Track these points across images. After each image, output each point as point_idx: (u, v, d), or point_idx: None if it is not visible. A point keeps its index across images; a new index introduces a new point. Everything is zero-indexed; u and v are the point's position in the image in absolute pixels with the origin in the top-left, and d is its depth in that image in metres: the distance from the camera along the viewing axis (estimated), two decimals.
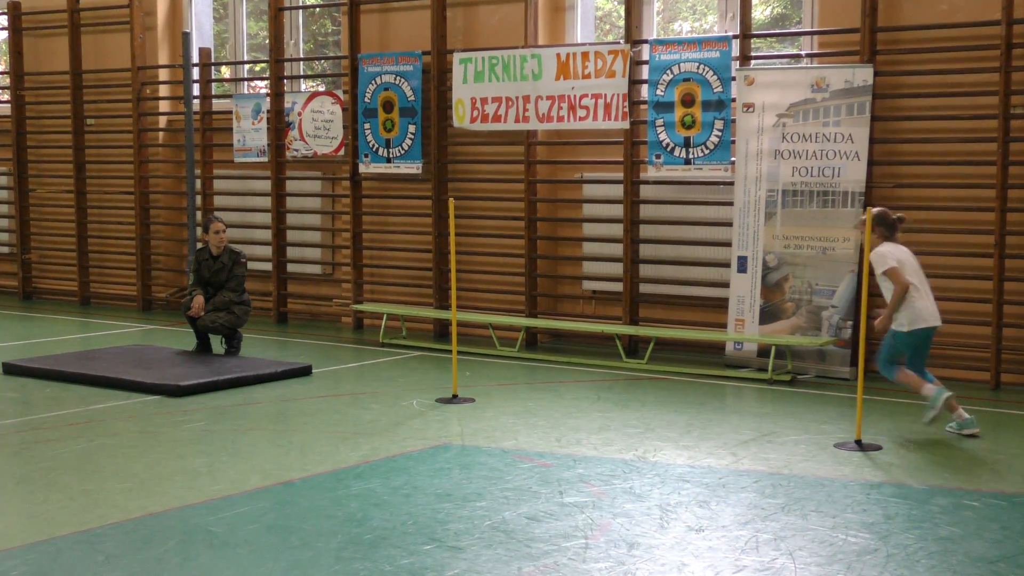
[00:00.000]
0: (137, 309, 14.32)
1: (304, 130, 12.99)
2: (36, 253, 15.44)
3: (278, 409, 8.88)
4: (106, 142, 14.86)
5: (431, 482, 6.72)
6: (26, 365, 10.11)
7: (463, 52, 11.90)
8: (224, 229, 10.88)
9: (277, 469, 7.07)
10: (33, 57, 15.27)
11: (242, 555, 5.49)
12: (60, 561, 5.43)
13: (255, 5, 14.72)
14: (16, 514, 6.24)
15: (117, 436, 7.96)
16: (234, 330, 10.83)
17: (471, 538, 5.69)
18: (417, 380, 9.96)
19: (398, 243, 12.71)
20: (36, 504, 6.38)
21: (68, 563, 5.40)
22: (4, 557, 5.45)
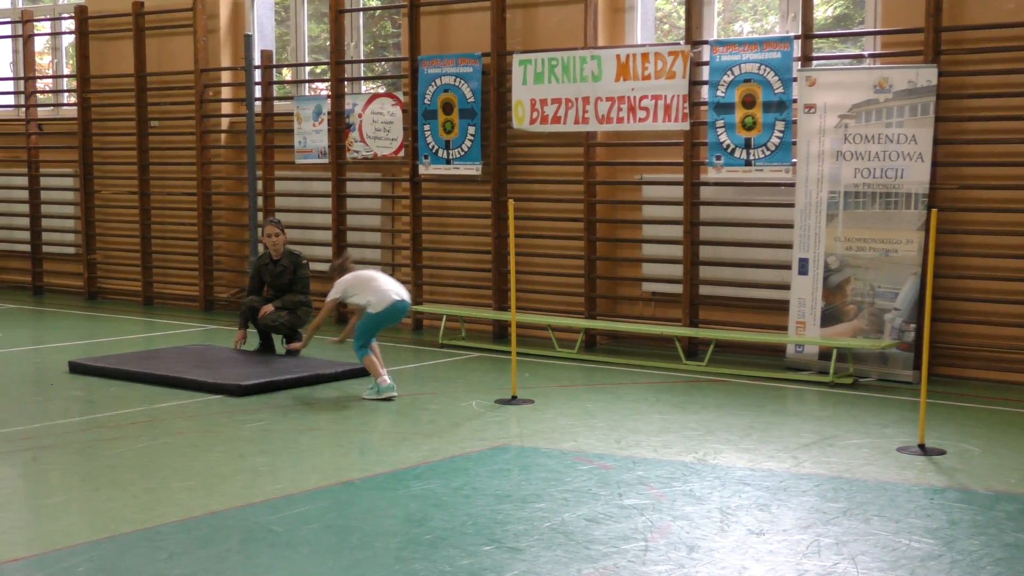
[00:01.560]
0: (199, 309, 14.45)
1: (364, 132, 13.05)
2: (101, 254, 15.64)
3: (338, 409, 8.93)
4: (169, 144, 15.02)
5: (490, 483, 6.73)
6: (91, 364, 10.24)
7: (523, 54, 11.90)
8: (276, 233, 10.92)
9: (337, 469, 7.10)
10: (99, 60, 15.46)
11: (302, 554, 5.52)
12: (124, 558, 5.49)
13: (316, 7, 14.81)
14: (81, 511, 6.31)
15: (179, 435, 8.04)
16: (294, 330, 10.90)
17: (530, 539, 5.69)
18: (476, 381, 9.97)
19: (457, 244, 12.74)
20: (100, 501, 6.46)
21: (132, 560, 5.46)
22: (70, 553, 5.52)
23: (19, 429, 8.17)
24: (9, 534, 6.04)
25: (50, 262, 16.35)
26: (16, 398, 9.55)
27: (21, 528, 6.14)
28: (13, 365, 10.95)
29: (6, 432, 8.09)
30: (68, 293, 15.95)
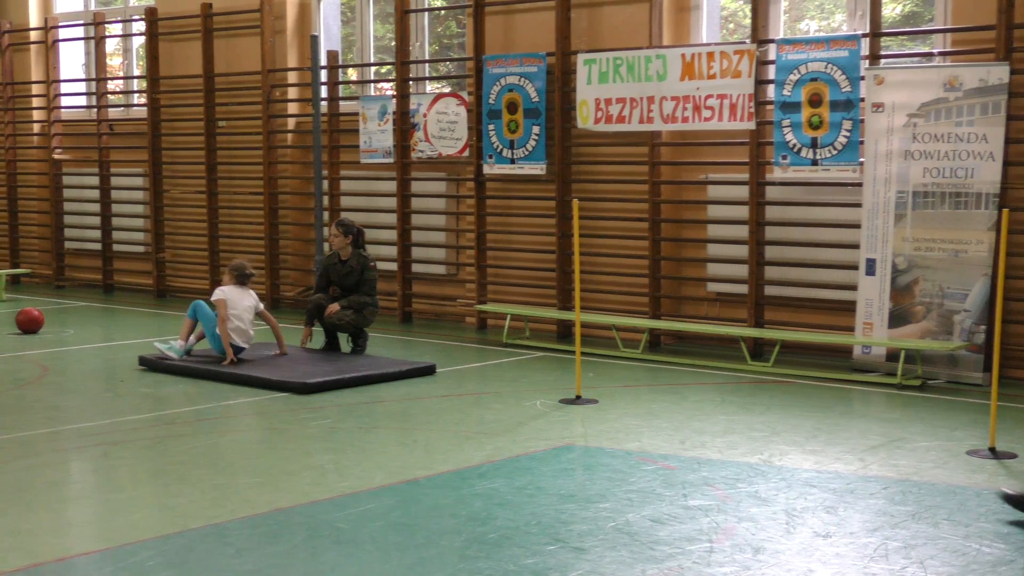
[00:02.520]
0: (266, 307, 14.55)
1: (429, 131, 13.11)
2: (170, 252, 15.83)
3: (403, 408, 8.97)
4: (236, 144, 15.17)
5: (554, 482, 6.73)
6: (160, 362, 10.36)
7: (587, 53, 11.89)
8: (336, 235, 10.99)
9: (402, 467, 7.14)
10: (168, 61, 15.65)
11: (368, 551, 5.56)
12: (193, 553, 5.55)
13: (382, 8, 14.89)
14: (151, 506, 6.40)
15: (246, 432, 8.12)
16: (360, 329, 10.97)
17: (594, 539, 5.69)
18: (540, 380, 9.98)
19: (521, 244, 12.75)
20: (170, 497, 6.54)
21: (201, 555, 5.52)
22: (140, 547, 5.60)
23: (91, 425, 8.30)
24: (82, 528, 6.14)
25: (120, 260, 16.58)
26: (88, 394, 9.70)
27: (93, 522, 6.24)
28: (85, 362, 11.12)
29: (78, 428, 8.22)
30: (137, 291, 16.16)
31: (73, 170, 17.00)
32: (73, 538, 5.94)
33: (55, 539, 5.88)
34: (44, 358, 11.11)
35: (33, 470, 7.13)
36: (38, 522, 6.10)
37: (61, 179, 17.02)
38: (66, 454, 7.60)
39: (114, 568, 5.36)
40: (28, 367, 10.65)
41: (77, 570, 5.38)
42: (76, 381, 10.23)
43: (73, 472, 7.37)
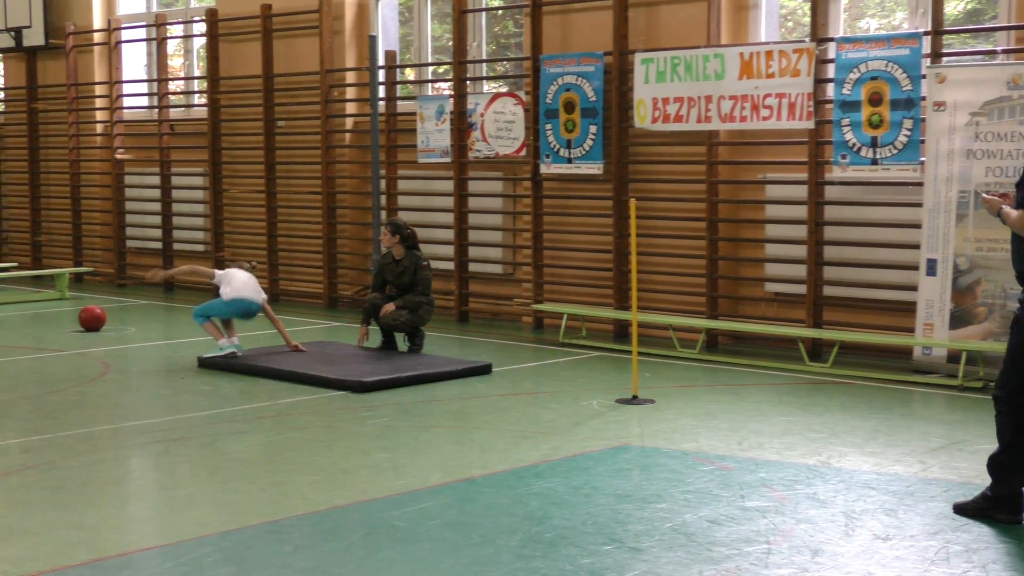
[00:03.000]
0: (323, 306, 14.67)
1: (486, 131, 13.13)
2: (228, 251, 15.96)
3: (459, 407, 8.99)
4: (295, 143, 15.28)
5: (611, 482, 6.72)
6: (219, 360, 10.45)
7: (645, 52, 11.86)
8: (387, 233, 11.02)
9: (458, 466, 7.16)
10: (228, 62, 15.79)
11: (424, 550, 5.58)
12: (252, 549, 5.60)
13: (439, 8, 14.94)
14: (210, 503, 6.46)
15: (304, 430, 8.17)
16: (416, 329, 11.00)
17: (651, 540, 5.67)
18: (596, 380, 9.97)
19: (578, 243, 12.74)
20: (228, 494, 6.60)
21: (259, 551, 5.57)
22: (199, 544, 5.65)
23: (151, 422, 8.39)
24: (142, 524, 6.22)
25: (180, 259, 16.73)
26: (148, 391, 9.82)
27: (153, 518, 6.31)
28: (146, 359, 11.25)
29: (139, 424, 8.32)
30: (197, 290, 16.31)
31: (135, 170, 17.20)
32: (134, 533, 6.02)
33: (117, 534, 5.96)
34: (106, 355, 11.25)
35: (95, 466, 7.22)
36: (100, 517, 6.18)
37: (123, 179, 17.22)
38: (127, 450, 7.69)
39: (174, 564, 5.42)
40: (91, 364, 10.79)
41: (138, 565, 5.45)
42: (137, 378, 10.35)
43: (134, 468, 7.46)
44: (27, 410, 8.91)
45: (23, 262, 18.27)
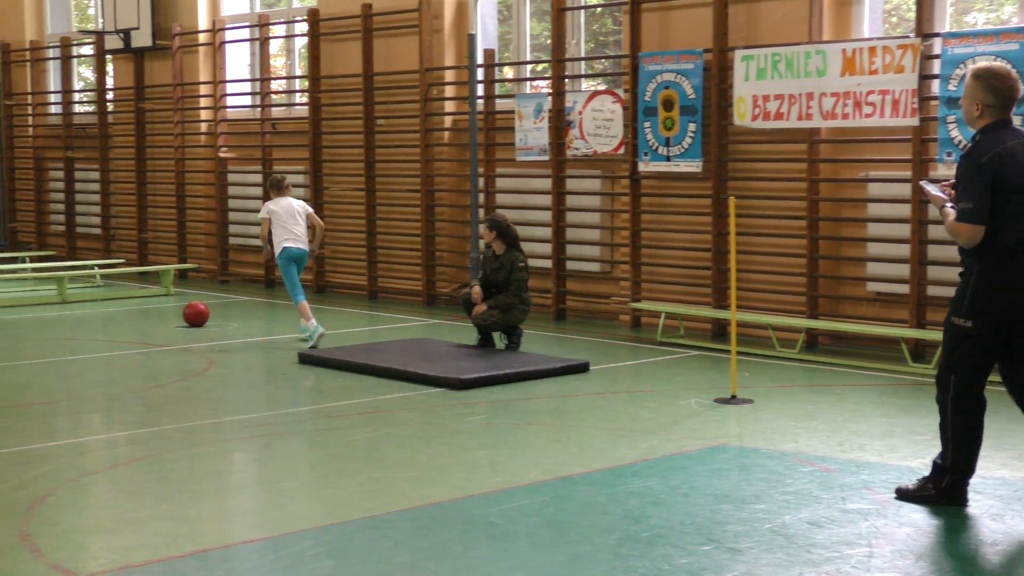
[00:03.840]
0: (421, 304, 14.77)
1: (584, 129, 13.11)
2: (328, 249, 16.14)
3: (556, 405, 9.00)
4: (394, 142, 15.40)
5: (709, 482, 6.68)
6: (319, 356, 10.59)
7: (745, 49, 11.76)
8: (486, 229, 11.05)
9: (555, 464, 7.17)
10: (329, 61, 15.97)
11: (522, 547, 5.60)
12: (351, 544, 5.67)
13: (538, 6, 14.95)
14: (310, 497, 6.55)
15: (402, 426, 8.24)
16: (511, 328, 11.03)
17: (750, 540, 5.63)
18: (694, 379, 9.91)
19: (676, 242, 12.67)
20: (328, 488, 6.68)
21: (358, 546, 5.63)
22: (300, 537, 5.73)
23: (253, 416, 8.52)
24: (244, 516, 6.32)
25: None
26: (250, 387, 9.98)
27: (255, 511, 6.41)
28: (248, 355, 11.43)
29: (241, 419, 8.45)
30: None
31: (237, 168, 17.47)
32: (237, 526, 6.12)
33: (220, 527, 6.07)
34: (210, 351, 11.45)
35: (199, 459, 7.36)
36: (204, 509, 6.30)
37: (226, 177, 17.50)
38: (230, 444, 7.83)
39: (275, 556, 5.50)
40: (195, 359, 10.99)
41: (241, 557, 5.54)
42: (239, 374, 10.52)
43: (237, 462, 7.59)
44: (134, 404, 9.11)
45: (130, 258, 18.67)
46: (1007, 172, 5.93)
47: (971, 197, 5.91)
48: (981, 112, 6.07)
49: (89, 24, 21.03)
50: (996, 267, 5.96)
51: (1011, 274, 5.96)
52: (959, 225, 5.95)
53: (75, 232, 20.11)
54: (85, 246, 19.90)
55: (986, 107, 6.05)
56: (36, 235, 20.78)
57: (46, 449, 7.57)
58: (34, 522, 5.99)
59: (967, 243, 5.97)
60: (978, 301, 6.00)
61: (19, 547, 5.62)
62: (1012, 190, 5.92)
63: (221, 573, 5.34)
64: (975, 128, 6.12)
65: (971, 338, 6.05)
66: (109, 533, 5.93)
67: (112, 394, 9.52)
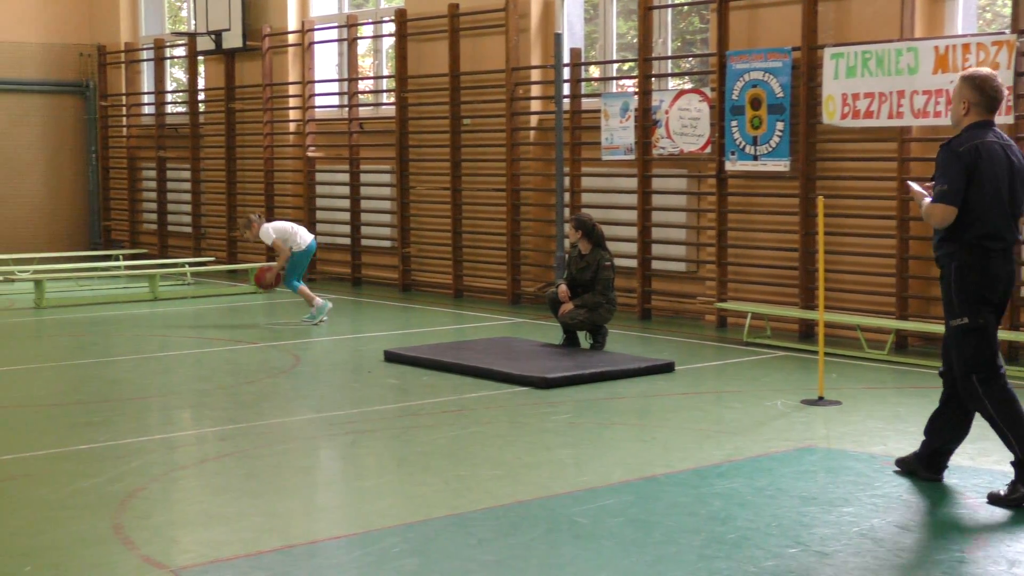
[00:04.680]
0: (506, 303, 14.80)
1: (671, 128, 13.05)
2: (415, 247, 16.24)
3: (641, 404, 8.97)
4: (480, 141, 15.45)
5: (795, 484, 6.62)
6: (404, 354, 10.65)
7: (834, 47, 11.62)
8: (572, 228, 11.04)
9: (640, 464, 7.14)
10: (416, 61, 16.06)
11: (606, 547, 5.59)
12: (436, 541, 5.69)
13: (625, 5, 14.91)
14: (395, 494, 6.59)
15: (487, 425, 8.27)
16: (597, 328, 11.00)
17: (838, 544, 5.56)
18: (781, 380, 9.82)
19: (763, 241, 12.56)
20: (414, 486, 6.72)
21: (443, 543, 5.65)
22: (385, 534, 5.77)
23: (339, 414, 8.60)
24: (331, 512, 6.38)
25: (368, 255, 17.11)
26: (337, 384, 10.07)
27: (341, 507, 6.47)
28: (334, 353, 11.54)
29: (328, 416, 8.54)
30: (384, 284, 16.65)
31: (325, 167, 17.64)
32: (323, 522, 6.18)
33: (306, 522, 6.13)
34: (296, 348, 11.58)
35: (286, 455, 7.44)
36: (291, 505, 6.37)
37: (314, 176, 17.68)
38: (316, 441, 7.91)
39: (361, 553, 5.55)
40: (282, 357, 11.12)
41: (327, 553, 5.59)
42: (326, 371, 10.62)
43: (323, 459, 7.66)
44: (223, 400, 9.24)
45: (219, 256, 18.95)
46: (982, 165, 6.23)
47: (946, 181, 6.23)
48: (967, 110, 6.38)
49: (182, 26, 21.38)
50: (970, 260, 6.26)
51: (985, 264, 6.26)
52: (933, 206, 6.28)
53: (167, 231, 20.45)
54: (176, 244, 20.24)
55: (972, 105, 6.37)
56: (129, 233, 21.18)
57: (138, 444, 7.71)
58: (127, 515, 6.10)
59: (939, 223, 6.28)
60: (965, 296, 6.30)
61: (113, 539, 5.74)
62: (986, 183, 6.21)
63: (307, 569, 5.39)
64: (961, 127, 6.41)
65: (972, 331, 6.32)
66: (199, 527, 6.02)
67: (201, 390, 9.67)
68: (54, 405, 9.10)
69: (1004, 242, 6.29)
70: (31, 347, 12.21)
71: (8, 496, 6.57)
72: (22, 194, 21.15)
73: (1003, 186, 6.27)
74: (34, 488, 6.68)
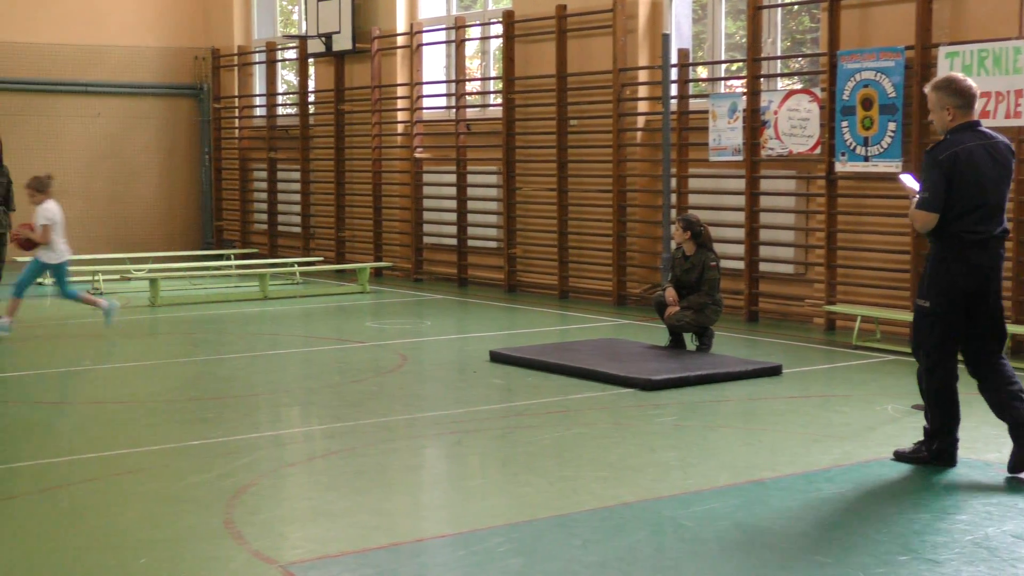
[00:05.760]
0: (612, 304, 14.76)
1: (780, 129, 12.91)
2: (521, 248, 16.28)
3: (747, 407, 8.89)
4: (586, 142, 15.43)
5: (906, 491, 6.50)
6: (510, 354, 10.68)
7: (949, 46, 11.39)
8: (679, 229, 10.96)
9: (747, 467, 7.08)
10: (523, 62, 16.10)
11: (712, 550, 5.54)
12: (541, 542, 5.70)
13: (733, 4, 14.78)
14: (500, 494, 6.61)
15: (592, 426, 8.25)
16: (703, 329, 10.92)
17: (950, 552, 5.45)
18: (891, 385, 9.65)
19: (873, 243, 12.36)
20: (519, 486, 6.73)
21: (548, 544, 5.66)
22: (490, 534, 5.79)
23: (444, 413, 8.66)
24: (436, 511, 6.43)
25: (474, 255, 17.19)
26: (442, 384, 10.13)
27: (447, 507, 6.51)
28: (440, 352, 11.61)
29: (433, 415, 8.59)
30: (489, 285, 16.71)
31: (432, 168, 17.77)
32: (428, 521, 6.23)
33: (412, 521, 6.18)
34: (403, 348, 11.67)
35: (393, 454, 7.51)
36: (397, 504, 6.43)
37: (421, 177, 17.82)
38: (422, 440, 7.96)
39: (466, 552, 5.57)
40: (390, 356, 11.22)
41: (433, 552, 5.63)
42: (432, 371, 10.69)
43: (428, 457, 7.71)
44: (330, 398, 9.35)
45: (328, 256, 19.18)
46: (961, 169, 6.69)
47: (928, 188, 6.76)
48: (952, 116, 6.82)
49: (293, 29, 21.69)
50: (947, 255, 6.76)
51: (960, 261, 6.73)
52: (915, 212, 6.82)
53: (276, 231, 20.77)
54: (286, 244, 20.54)
55: (956, 109, 6.81)
56: (240, 233, 21.54)
57: (248, 440, 7.84)
58: (237, 510, 6.21)
59: (921, 228, 6.84)
60: (934, 284, 6.83)
61: (224, 534, 5.84)
62: (964, 186, 6.68)
63: (413, 567, 5.43)
64: (947, 132, 6.85)
65: (930, 316, 6.88)
66: (307, 523, 6.10)
67: (310, 388, 9.80)
68: (168, 401, 9.29)
69: (983, 234, 6.71)
70: (146, 344, 12.49)
71: (123, 490, 6.73)
72: (138, 195, 21.66)
73: (986, 186, 6.71)
74: (148, 482, 6.84)
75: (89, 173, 21.12)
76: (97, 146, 21.25)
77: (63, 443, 7.80)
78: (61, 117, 20.89)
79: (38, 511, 6.33)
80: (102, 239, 20.88)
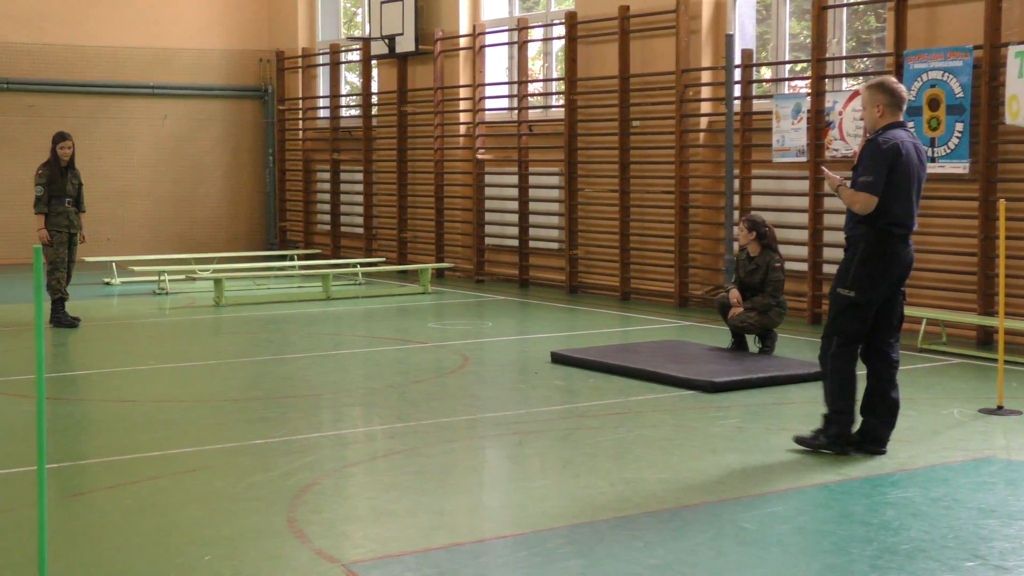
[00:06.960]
0: (674, 305, 14.70)
1: (844, 129, 12.79)
2: (582, 249, 16.26)
3: (811, 411, 8.78)
4: (649, 143, 15.38)
5: (973, 496, 6.42)
6: (571, 355, 10.66)
7: (1019, 45, 11.22)
8: (744, 229, 10.89)
9: (810, 471, 7.02)
10: (585, 63, 16.08)
11: (774, 554, 5.51)
12: (602, 543, 5.69)
13: (798, 4, 14.67)
14: (562, 495, 6.60)
15: (654, 428, 8.22)
16: (767, 331, 10.84)
17: (1018, 559, 5.37)
18: (957, 388, 9.53)
19: (939, 245, 12.21)
20: (580, 487, 6.72)
21: (609, 546, 5.65)
22: (551, 535, 5.79)
23: (506, 414, 8.66)
24: (498, 512, 6.43)
25: (536, 256, 17.19)
26: (503, 385, 10.14)
27: (508, 507, 6.51)
28: (502, 353, 11.62)
29: (494, 416, 8.60)
30: (551, 286, 16.71)
31: (494, 169, 17.79)
32: (490, 521, 6.23)
33: (473, 521, 6.19)
34: (465, 348, 11.70)
35: (454, 454, 7.53)
36: (458, 504, 6.44)
37: (483, 178, 17.85)
38: (483, 441, 7.98)
39: (527, 553, 5.57)
40: (451, 356, 11.25)
41: (494, 552, 5.64)
42: (493, 372, 10.71)
43: (490, 458, 7.72)
44: (392, 398, 9.39)
45: (390, 257, 19.27)
46: (900, 162, 7.08)
47: (871, 172, 7.06)
48: (882, 113, 7.21)
49: (356, 31, 21.82)
50: (876, 246, 7.11)
51: (887, 253, 7.11)
52: (858, 194, 7.09)
53: (339, 231, 20.89)
54: (348, 245, 20.66)
55: (885, 107, 7.19)
56: (303, 234, 21.70)
57: (310, 440, 7.90)
58: (300, 509, 6.25)
59: (862, 210, 7.09)
60: (860, 275, 7.13)
61: (287, 532, 5.88)
62: (899, 177, 7.07)
63: (474, 567, 5.44)
64: (877, 128, 7.21)
65: (853, 306, 7.18)
66: (369, 523, 6.13)
67: (371, 388, 9.85)
68: (232, 400, 9.38)
69: (907, 229, 7.20)
70: (210, 344, 12.62)
71: (187, 488, 6.80)
72: (203, 195, 21.90)
73: (913, 181, 7.17)
74: (212, 480, 6.90)
75: (156, 175, 21.41)
76: (164, 148, 21.53)
77: (128, 441, 7.90)
78: (130, 120, 21.19)
79: (104, 508, 6.41)
80: (168, 240, 21.14)
